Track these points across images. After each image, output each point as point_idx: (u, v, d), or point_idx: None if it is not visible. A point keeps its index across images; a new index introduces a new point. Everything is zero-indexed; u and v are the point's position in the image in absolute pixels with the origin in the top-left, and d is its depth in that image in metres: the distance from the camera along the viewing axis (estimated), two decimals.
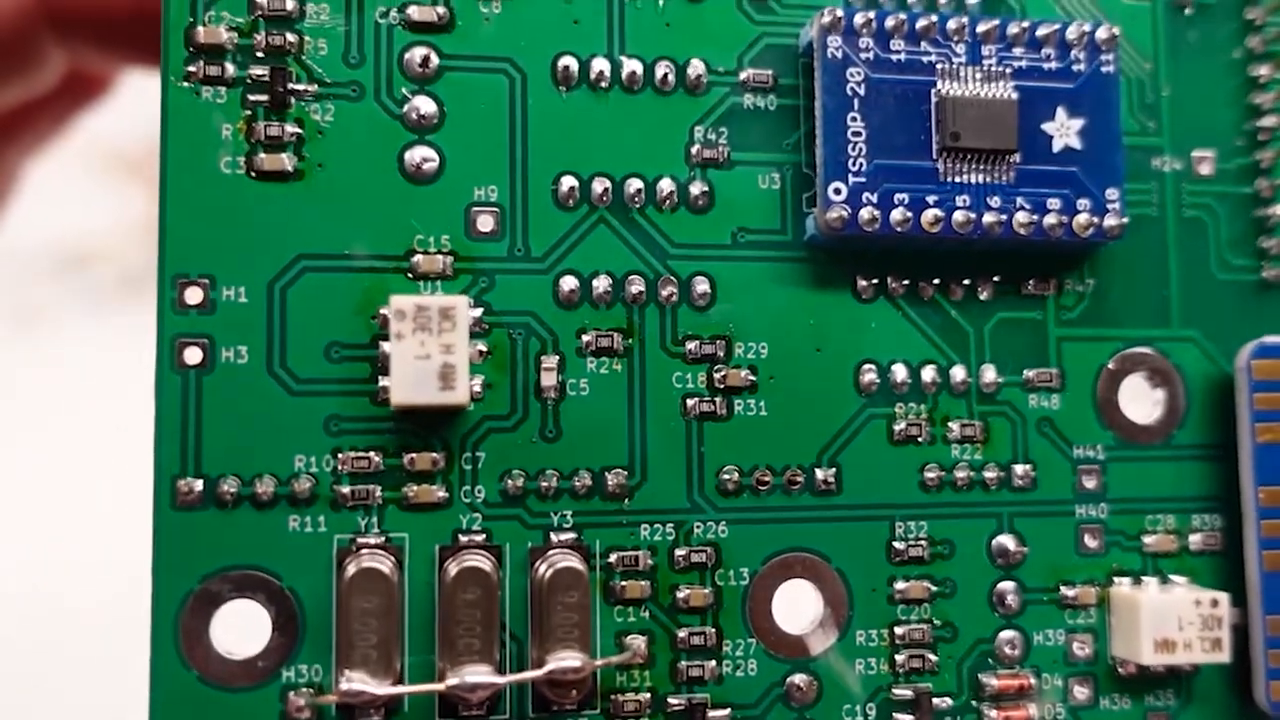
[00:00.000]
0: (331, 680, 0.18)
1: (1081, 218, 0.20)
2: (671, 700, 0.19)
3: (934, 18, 0.20)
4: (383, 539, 0.19)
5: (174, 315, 0.18)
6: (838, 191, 0.20)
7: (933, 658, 0.20)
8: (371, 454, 0.19)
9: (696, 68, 0.20)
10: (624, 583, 0.19)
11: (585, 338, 0.20)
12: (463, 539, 0.19)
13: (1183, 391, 0.22)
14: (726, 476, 0.20)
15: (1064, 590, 0.21)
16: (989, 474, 0.21)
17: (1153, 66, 0.22)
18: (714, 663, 0.19)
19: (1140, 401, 0.22)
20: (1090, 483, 0.21)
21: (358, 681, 0.18)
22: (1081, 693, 0.21)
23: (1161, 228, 0.22)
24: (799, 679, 0.20)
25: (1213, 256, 0.22)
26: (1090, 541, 0.21)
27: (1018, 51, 0.20)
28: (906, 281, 0.21)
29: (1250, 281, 0.22)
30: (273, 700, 0.18)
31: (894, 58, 0.20)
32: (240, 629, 0.18)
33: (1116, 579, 0.21)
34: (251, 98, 0.19)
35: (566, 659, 0.18)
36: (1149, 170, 0.22)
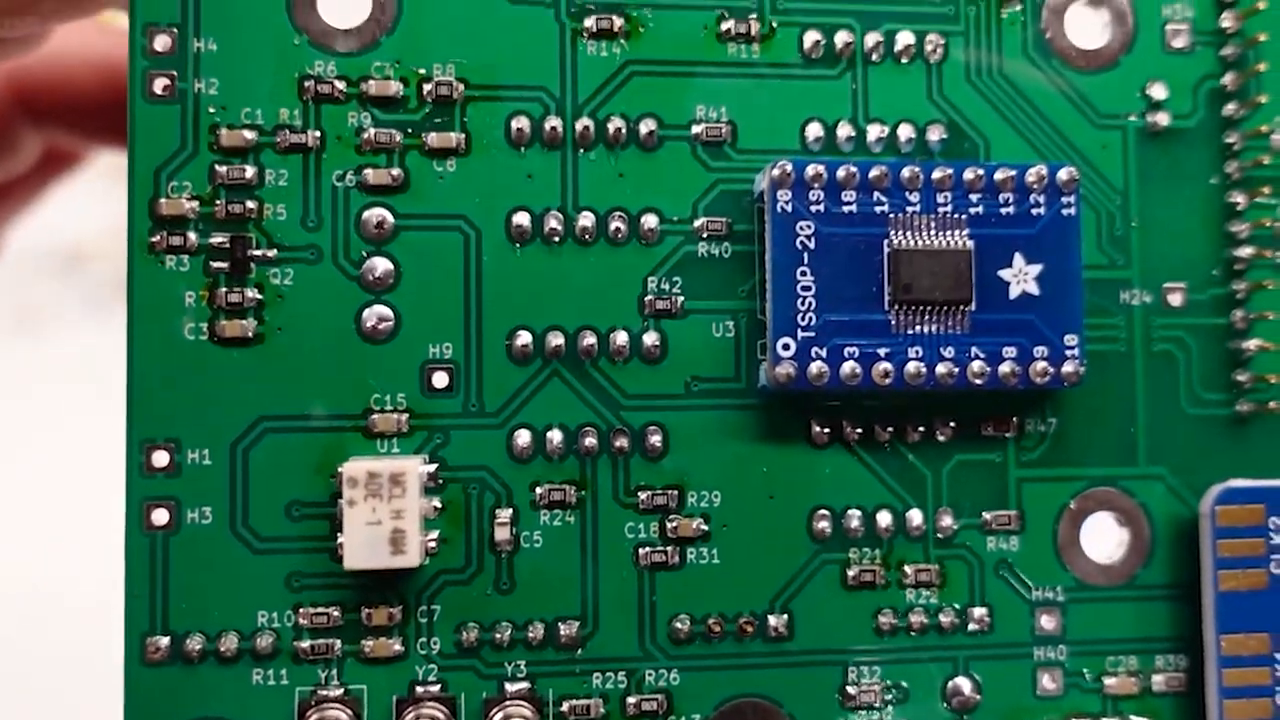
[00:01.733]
0: None
1: (1038, 365, 0.21)
2: None
3: (886, 168, 0.20)
4: (342, 691, 0.20)
5: (141, 479, 0.19)
6: (786, 347, 0.20)
7: None
8: (331, 609, 0.20)
9: (650, 219, 0.21)
10: None
11: (539, 491, 0.20)
12: (419, 690, 0.20)
13: (1148, 531, 0.22)
14: (678, 625, 0.20)
15: None
16: (945, 618, 0.21)
17: (1123, 198, 0.22)
18: None
19: (1103, 541, 0.22)
20: (1049, 624, 0.21)
21: None
22: None
23: (1129, 363, 0.22)
24: None
25: (1183, 391, 0.22)
26: (1048, 684, 0.21)
27: (974, 198, 0.21)
28: (860, 430, 0.21)
29: (1223, 416, 0.22)
30: None
31: (845, 209, 0.20)
32: None
33: None
34: (213, 264, 0.20)
35: None
36: (1117, 304, 0.22)
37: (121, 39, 0.20)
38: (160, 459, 0.20)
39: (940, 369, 0.20)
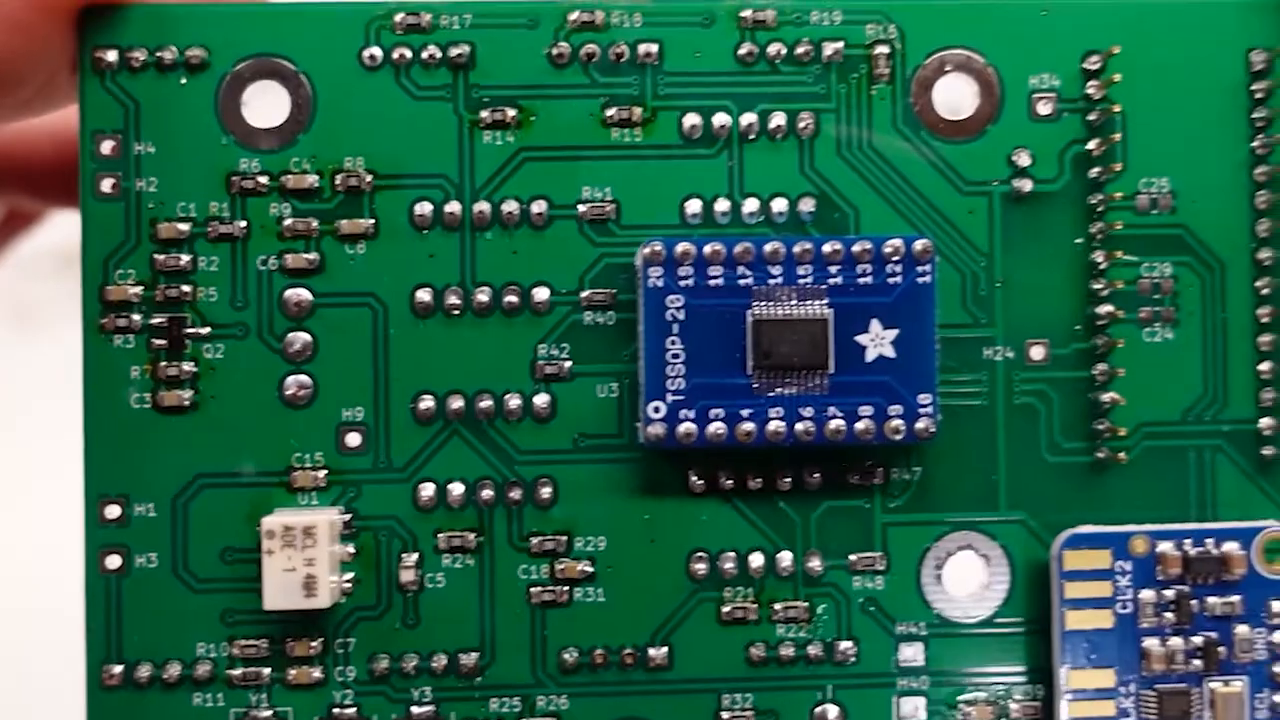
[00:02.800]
0: None
1: (893, 422, 0.23)
2: None
3: (750, 244, 0.22)
4: (270, 713, 0.23)
5: (98, 529, 0.23)
6: (657, 410, 0.22)
7: None
8: (260, 642, 0.23)
9: (541, 291, 0.23)
10: None
11: (441, 537, 0.23)
12: (336, 712, 0.23)
13: (1008, 571, 0.24)
14: (567, 656, 0.23)
15: None
16: (813, 650, 0.23)
17: (988, 259, 0.24)
18: None
19: (965, 580, 0.24)
20: (912, 656, 0.23)
21: None
22: None
23: (991, 415, 0.24)
24: None
25: (1044, 440, 0.24)
26: (910, 711, 0.23)
27: (833, 269, 0.23)
28: (731, 482, 0.23)
29: (1083, 464, 0.24)
30: None
31: (712, 283, 0.23)
32: None
33: None
34: (155, 342, 0.23)
35: None
36: (980, 361, 0.24)
37: (72, 111, 0.23)
38: (112, 511, 0.23)
39: (799, 427, 0.22)
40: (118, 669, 0.23)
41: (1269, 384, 0.24)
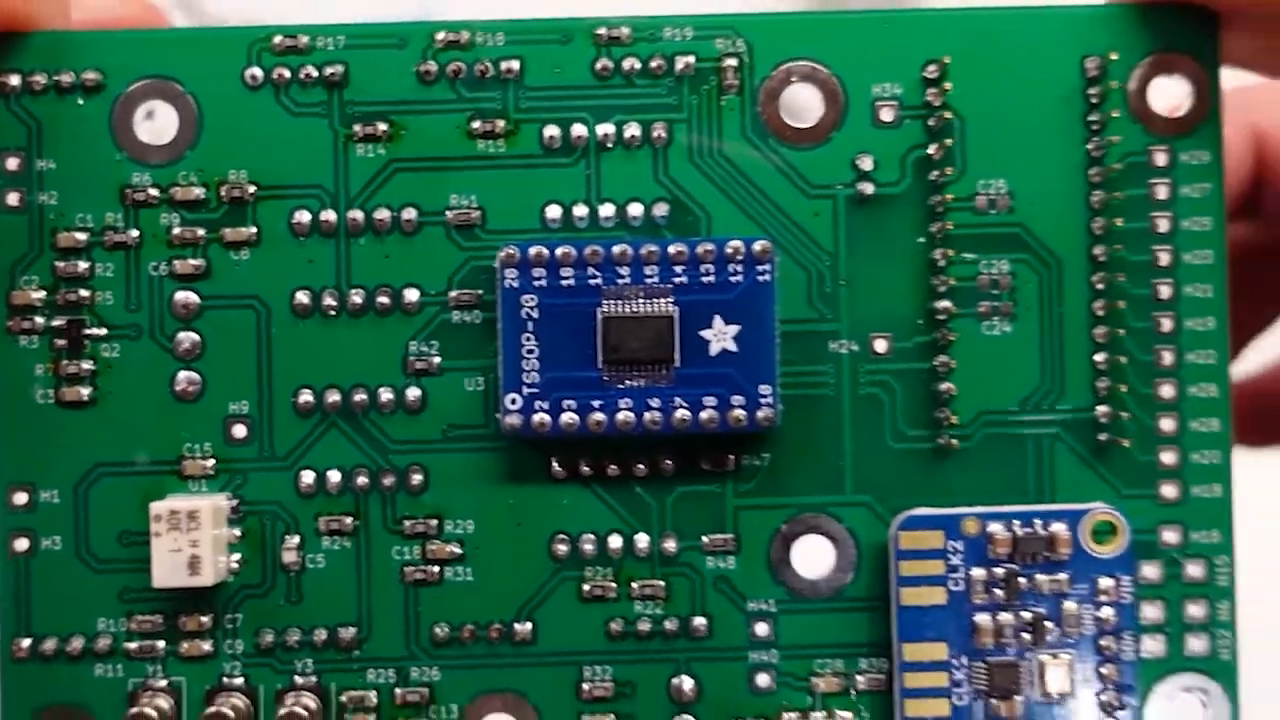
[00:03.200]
0: None
1: (736, 412, 0.24)
2: None
3: (599, 247, 0.24)
4: (165, 682, 0.25)
5: (7, 514, 0.25)
6: (514, 401, 0.24)
7: None
8: (155, 617, 0.25)
9: (411, 293, 0.25)
10: (353, 717, 0.25)
11: (321, 521, 0.25)
12: (226, 681, 0.25)
13: (854, 551, 0.25)
14: (438, 630, 0.25)
15: None
16: (668, 625, 0.25)
17: (833, 259, 0.25)
18: None
19: (813, 560, 0.25)
20: (762, 631, 0.25)
21: None
22: None
23: (838, 405, 0.25)
24: None
25: (887, 428, 0.25)
26: (762, 682, 0.25)
27: (679, 269, 0.24)
28: (589, 469, 0.25)
29: (924, 450, 0.25)
30: None
31: (564, 283, 0.24)
32: None
33: (785, 715, 0.25)
34: (57, 342, 0.25)
35: None
36: (826, 354, 0.25)
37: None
38: (20, 498, 0.25)
39: (647, 417, 0.24)
40: (26, 643, 0.25)
41: (1104, 374, 0.25)
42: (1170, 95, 0.25)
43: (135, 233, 0.25)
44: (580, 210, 0.25)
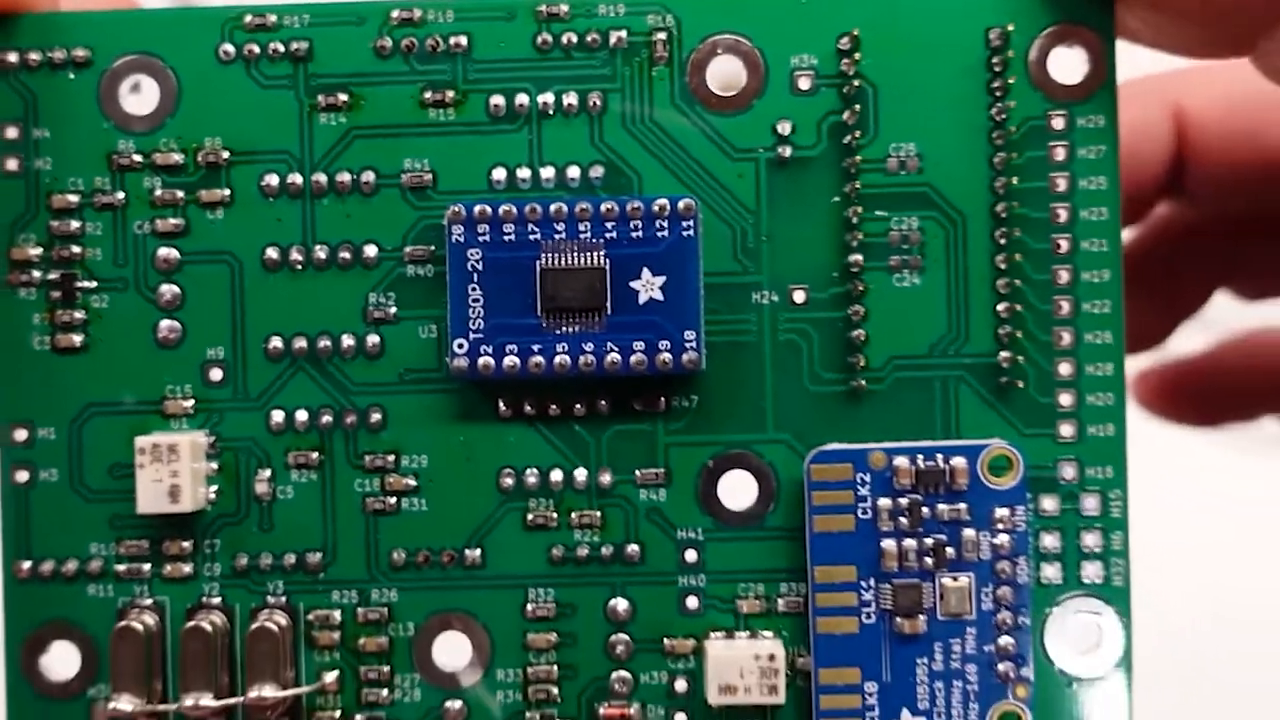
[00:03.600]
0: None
1: (662, 355, 0.26)
2: (357, 718, 0.27)
3: (538, 205, 0.27)
4: (151, 601, 0.28)
5: (9, 449, 0.28)
6: (460, 346, 0.27)
7: (556, 691, 0.27)
8: (141, 542, 0.28)
9: (370, 249, 0.27)
10: (319, 633, 0.27)
11: (290, 456, 0.28)
12: (205, 600, 0.28)
13: (774, 484, 0.27)
14: (396, 555, 0.28)
15: (666, 642, 0.27)
16: (605, 551, 0.27)
17: (755, 217, 0.27)
18: (387, 691, 0.27)
19: (737, 493, 0.28)
20: (691, 558, 0.27)
21: (124, 701, 0.27)
22: None
23: (760, 351, 0.27)
24: (452, 705, 0.27)
25: (805, 372, 0.27)
26: (691, 604, 0.27)
27: (609, 225, 0.27)
28: (532, 409, 0.27)
29: (839, 392, 0.27)
30: (82, 710, 0.27)
31: (506, 239, 0.27)
32: (62, 660, 0.28)
33: (712, 634, 0.27)
34: (52, 294, 0.28)
35: (269, 688, 0.27)
36: (749, 304, 0.27)
37: None
38: (20, 435, 0.28)
39: (582, 360, 0.27)
40: (26, 565, 0.28)
41: (1006, 322, 0.27)
42: (1068, 64, 0.27)
43: (121, 195, 0.28)
44: (523, 173, 0.27)
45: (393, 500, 0.28)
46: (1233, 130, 0.36)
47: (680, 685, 0.27)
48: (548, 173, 0.27)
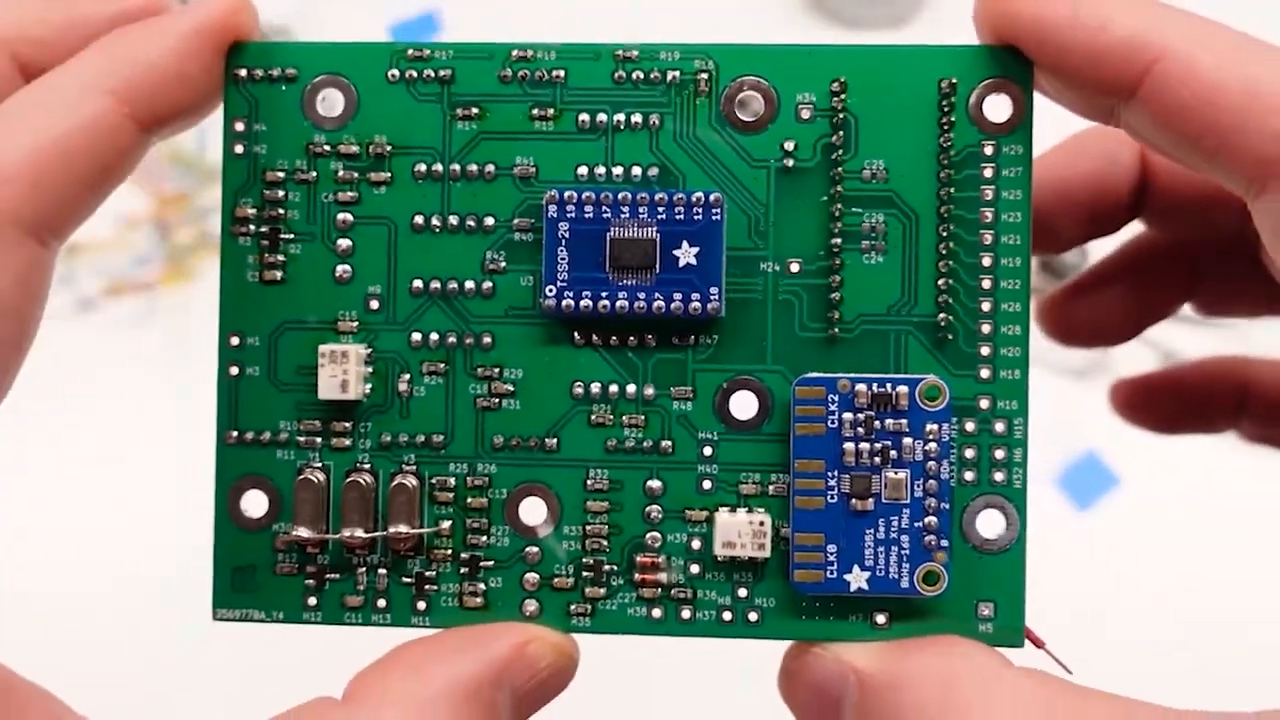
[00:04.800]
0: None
1: (694, 304, 0.37)
2: (463, 555, 0.38)
3: (610, 193, 0.37)
4: (320, 464, 0.39)
5: (228, 351, 0.39)
6: (550, 291, 0.37)
7: (606, 543, 0.38)
8: (315, 422, 0.39)
9: (489, 219, 0.38)
10: (438, 493, 0.38)
11: (424, 365, 0.38)
12: (358, 466, 0.38)
13: (770, 401, 0.38)
14: (496, 440, 0.38)
15: (687, 513, 0.38)
16: (645, 445, 0.38)
17: (766, 208, 0.38)
18: (485, 538, 0.38)
19: (744, 407, 0.38)
20: (707, 452, 0.38)
21: (301, 531, 0.38)
22: (694, 569, 0.38)
23: (765, 306, 0.38)
24: (531, 550, 0.38)
25: (797, 323, 0.38)
26: (706, 486, 0.38)
27: (660, 210, 0.37)
28: (598, 339, 0.38)
29: (821, 338, 0.38)
30: (268, 539, 0.39)
31: (586, 216, 0.37)
32: (255, 502, 0.39)
33: (720, 508, 0.38)
34: (262, 243, 0.39)
35: (403, 527, 0.38)
36: (758, 271, 0.38)
37: None
38: (235, 340, 0.39)
39: (636, 305, 0.37)
40: (234, 434, 0.39)
41: (944, 293, 0.38)
42: (998, 107, 0.38)
43: (313, 174, 0.39)
44: (600, 170, 0.38)
45: (496, 400, 0.38)
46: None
47: (695, 544, 0.38)
48: (618, 171, 0.38)
